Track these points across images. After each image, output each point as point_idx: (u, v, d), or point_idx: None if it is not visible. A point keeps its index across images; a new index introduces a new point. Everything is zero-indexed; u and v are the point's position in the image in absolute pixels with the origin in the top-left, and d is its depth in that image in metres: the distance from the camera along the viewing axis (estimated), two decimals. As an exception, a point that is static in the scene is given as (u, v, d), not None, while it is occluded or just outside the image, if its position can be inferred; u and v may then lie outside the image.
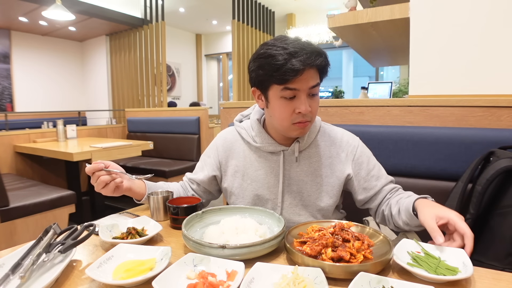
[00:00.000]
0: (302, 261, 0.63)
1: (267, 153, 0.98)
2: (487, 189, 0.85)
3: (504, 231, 0.81)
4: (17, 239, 2.00)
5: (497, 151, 0.92)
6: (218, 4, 6.07)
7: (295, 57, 0.80)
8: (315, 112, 0.89)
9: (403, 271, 0.63)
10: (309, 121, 0.88)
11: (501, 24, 1.28)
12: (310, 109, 0.85)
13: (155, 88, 5.40)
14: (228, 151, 1.04)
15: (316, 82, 0.85)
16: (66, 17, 3.78)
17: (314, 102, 0.87)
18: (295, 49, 0.80)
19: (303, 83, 0.83)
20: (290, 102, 0.85)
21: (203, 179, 1.06)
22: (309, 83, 0.83)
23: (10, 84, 5.68)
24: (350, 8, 1.85)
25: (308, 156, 0.97)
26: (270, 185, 0.97)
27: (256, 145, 0.98)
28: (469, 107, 1.15)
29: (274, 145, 0.96)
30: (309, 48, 0.82)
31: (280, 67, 0.80)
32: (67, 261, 0.64)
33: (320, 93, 0.92)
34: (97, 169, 0.87)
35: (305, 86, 0.83)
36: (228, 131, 1.07)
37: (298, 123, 0.87)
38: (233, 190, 1.02)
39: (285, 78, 0.81)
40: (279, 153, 0.96)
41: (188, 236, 0.71)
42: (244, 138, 1.01)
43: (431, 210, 0.74)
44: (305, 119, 0.86)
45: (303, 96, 0.84)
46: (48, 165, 3.35)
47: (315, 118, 0.93)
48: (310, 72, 0.83)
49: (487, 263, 0.80)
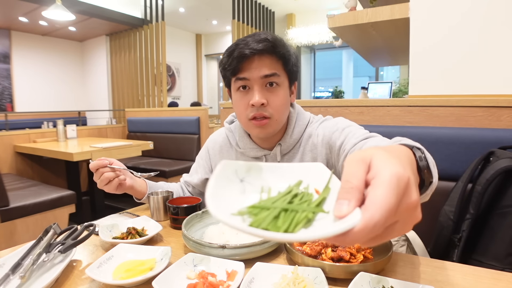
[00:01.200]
0: (302, 261, 0.63)
1: (250, 158, 0.94)
2: (487, 189, 0.85)
3: (504, 231, 0.81)
4: (17, 239, 2.00)
5: (497, 151, 0.92)
6: (218, 4, 6.07)
7: (244, 45, 0.79)
8: (277, 108, 0.82)
9: (403, 272, 0.63)
10: (267, 118, 0.82)
11: (501, 24, 1.28)
12: (263, 101, 0.80)
13: (155, 88, 5.40)
14: (218, 155, 1.02)
15: (271, 72, 0.80)
16: (66, 17, 3.78)
17: (272, 95, 0.81)
18: (246, 39, 0.80)
19: (254, 71, 0.80)
20: (245, 94, 0.82)
21: (197, 183, 1.06)
22: (261, 71, 0.80)
23: (10, 84, 5.68)
24: (350, 8, 1.85)
25: (292, 159, 0.91)
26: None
27: (239, 151, 0.95)
28: (469, 107, 1.15)
29: (255, 150, 0.92)
30: (261, 36, 0.80)
31: (229, 55, 0.80)
32: (67, 261, 0.64)
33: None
34: (101, 165, 0.87)
35: (256, 74, 0.80)
36: (219, 134, 1.05)
37: (253, 119, 0.82)
38: None
39: (235, 66, 0.80)
40: (261, 158, 0.93)
41: (188, 236, 0.71)
42: (231, 142, 0.98)
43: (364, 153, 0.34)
44: (260, 113, 0.81)
45: (255, 86, 0.81)
46: (48, 165, 3.35)
47: (279, 116, 0.84)
48: (264, 60, 0.80)
49: (486, 263, 0.80)
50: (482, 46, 1.32)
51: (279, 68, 0.82)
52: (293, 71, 0.86)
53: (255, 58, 0.79)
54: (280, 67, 0.82)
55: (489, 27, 1.30)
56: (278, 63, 0.81)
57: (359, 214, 0.29)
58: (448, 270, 0.63)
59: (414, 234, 0.94)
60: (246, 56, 0.78)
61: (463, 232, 0.87)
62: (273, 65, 0.81)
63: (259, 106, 0.80)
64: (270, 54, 0.80)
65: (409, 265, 0.66)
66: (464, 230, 0.87)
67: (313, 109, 1.41)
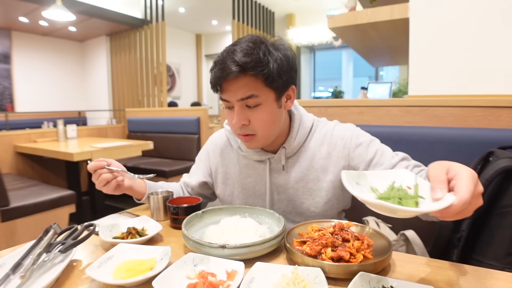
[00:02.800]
0: (302, 261, 0.63)
1: (254, 161, 0.93)
2: (487, 189, 0.85)
3: (504, 231, 0.81)
4: (17, 239, 2.00)
5: (497, 151, 0.92)
6: (218, 4, 6.07)
7: (221, 64, 0.75)
8: (260, 126, 0.80)
9: (403, 271, 0.63)
10: (252, 135, 0.81)
11: (501, 24, 1.28)
12: (243, 123, 0.78)
13: (155, 88, 5.41)
14: (218, 158, 1.01)
15: (246, 95, 0.75)
16: (66, 18, 3.78)
17: (254, 114, 0.78)
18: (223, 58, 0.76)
19: (231, 94, 0.77)
20: (230, 111, 0.81)
21: (195, 185, 1.04)
22: (237, 94, 0.76)
23: (10, 84, 5.68)
24: (350, 8, 1.86)
25: (297, 162, 0.89)
26: (260, 193, 0.94)
27: (242, 154, 0.94)
28: (469, 107, 1.15)
29: (259, 153, 0.90)
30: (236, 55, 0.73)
31: (211, 71, 0.79)
32: (67, 261, 0.64)
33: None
34: (99, 166, 0.86)
35: (233, 97, 0.77)
36: (219, 136, 1.03)
37: (239, 134, 0.83)
38: (225, 198, 1.00)
39: (215, 85, 0.78)
40: (265, 161, 0.91)
41: (188, 236, 0.71)
42: (233, 145, 0.96)
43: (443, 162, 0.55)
44: (243, 132, 0.81)
45: (235, 107, 0.78)
46: (49, 165, 3.35)
47: (264, 132, 0.81)
48: (239, 82, 0.75)
49: (486, 263, 0.80)
50: (481, 46, 1.32)
51: (259, 86, 0.76)
52: (281, 83, 0.78)
53: (230, 80, 0.75)
54: (261, 85, 0.76)
55: (488, 27, 1.30)
56: (257, 81, 0.75)
57: (453, 196, 0.48)
58: (447, 270, 0.63)
59: (414, 234, 0.94)
60: (223, 77, 0.75)
61: (462, 232, 0.87)
62: (251, 85, 0.75)
63: (240, 127, 0.80)
64: (244, 76, 0.74)
65: (408, 265, 0.66)
66: (463, 230, 0.87)
67: (313, 109, 1.41)
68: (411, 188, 0.57)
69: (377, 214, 0.51)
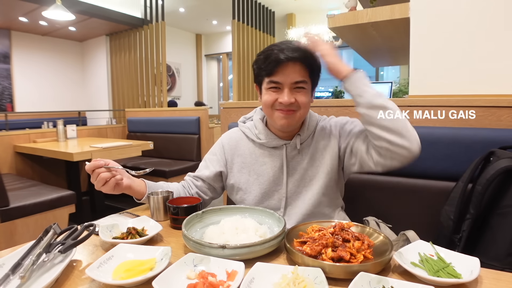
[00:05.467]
0: (302, 261, 0.63)
1: (270, 148, 1.04)
2: (487, 189, 0.85)
3: (504, 231, 0.81)
4: (17, 239, 2.00)
5: (497, 151, 0.92)
6: (218, 4, 6.07)
7: (280, 51, 0.90)
8: (303, 104, 0.94)
9: (403, 271, 0.63)
10: (293, 110, 0.94)
11: (501, 24, 1.28)
12: (292, 100, 0.92)
13: (155, 88, 5.40)
14: (233, 149, 1.09)
15: (301, 79, 0.92)
16: (66, 17, 3.77)
17: (300, 94, 0.94)
18: (282, 46, 0.91)
19: (286, 77, 0.91)
20: (275, 93, 0.94)
21: (209, 175, 1.08)
22: (292, 77, 0.91)
23: (10, 84, 5.68)
24: (350, 8, 1.86)
25: (308, 146, 1.03)
26: (275, 178, 1.03)
27: (260, 142, 1.04)
28: (469, 107, 1.15)
29: (277, 140, 1.02)
30: (294, 45, 0.91)
31: (266, 59, 0.92)
32: (67, 261, 0.64)
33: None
34: (97, 166, 0.88)
35: (288, 80, 0.92)
36: (233, 131, 1.14)
37: (280, 110, 0.94)
38: (241, 186, 1.06)
39: (270, 69, 0.91)
40: (281, 147, 1.02)
41: (188, 236, 0.71)
42: (249, 136, 1.08)
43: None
44: (287, 107, 0.93)
45: (286, 88, 0.92)
46: (48, 165, 3.35)
47: (304, 111, 0.96)
48: (295, 67, 0.91)
49: (487, 263, 0.80)
50: (482, 46, 1.32)
51: (306, 75, 0.93)
52: (317, 78, 0.98)
53: (288, 64, 0.90)
54: (307, 75, 0.93)
55: (489, 27, 1.30)
56: (306, 71, 0.92)
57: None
58: (448, 270, 0.63)
59: (414, 234, 0.94)
60: (282, 62, 0.90)
61: (463, 232, 0.87)
62: (302, 73, 0.92)
63: (287, 104, 0.92)
64: (301, 62, 0.91)
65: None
66: (464, 230, 0.87)
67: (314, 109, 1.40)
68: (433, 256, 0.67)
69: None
